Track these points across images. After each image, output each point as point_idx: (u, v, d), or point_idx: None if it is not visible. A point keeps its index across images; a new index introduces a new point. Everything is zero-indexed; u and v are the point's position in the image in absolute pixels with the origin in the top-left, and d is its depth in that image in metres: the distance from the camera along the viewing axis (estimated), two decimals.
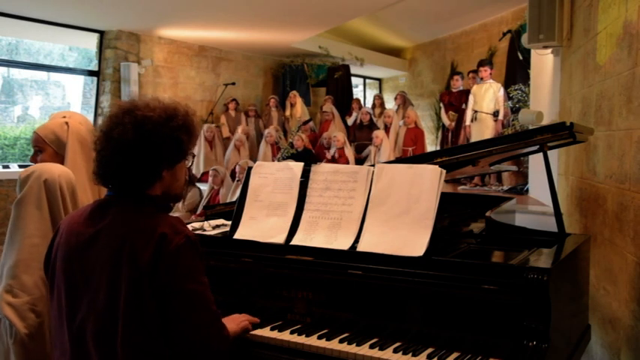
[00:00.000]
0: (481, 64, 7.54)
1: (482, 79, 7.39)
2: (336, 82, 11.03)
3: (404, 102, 9.65)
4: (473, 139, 6.96)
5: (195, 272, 1.56)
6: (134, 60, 8.81)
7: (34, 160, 2.28)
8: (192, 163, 1.80)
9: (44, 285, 1.96)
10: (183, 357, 1.57)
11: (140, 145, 1.58)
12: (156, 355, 1.53)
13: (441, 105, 8.68)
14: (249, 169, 2.35)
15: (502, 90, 7.24)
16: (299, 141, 8.43)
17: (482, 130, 7.19)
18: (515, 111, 6.95)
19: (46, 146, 2.25)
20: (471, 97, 7.40)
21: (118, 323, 1.52)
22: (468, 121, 7.40)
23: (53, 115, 2.38)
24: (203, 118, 9.35)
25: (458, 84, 8.14)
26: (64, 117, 2.32)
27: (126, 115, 1.60)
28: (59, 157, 2.25)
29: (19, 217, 2.03)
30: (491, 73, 7.37)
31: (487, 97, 7.23)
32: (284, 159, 8.19)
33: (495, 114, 7.16)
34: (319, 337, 1.86)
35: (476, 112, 7.25)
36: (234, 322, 1.87)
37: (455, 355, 1.73)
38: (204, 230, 2.51)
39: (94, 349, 1.55)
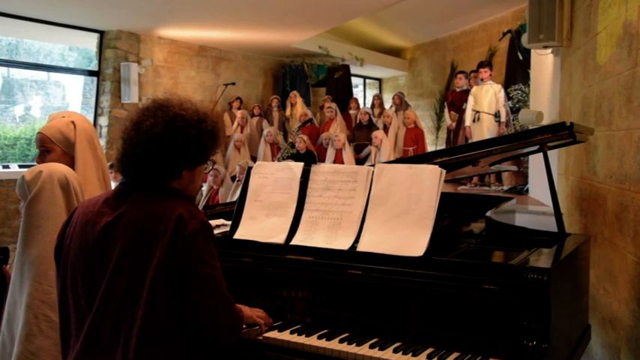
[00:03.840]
0: (481, 65, 7.54)
1: (482, 80, 7.39)
2: (336, 82, 11.04)
3: (401, 103, 9.66)
4: (474, 140, 6.96)
5: (208, 257, 1.59)
6: (134, 60, 8.81)
7: (41, 160, 2.26)
8: (210, 170, 1.84)
9: None
10: (196, 340, 1.59)
11: (167, 139, 1.63)
12: (171, 338, 1.56)
13: (445, 104, 8.67)
14: (249, 169, 2.35)
15: (503, 91, 7.24)
16: (301, 143, 8.41)
17: (483, 131, 7.19)
18: (515, 111, 6.96)
19: (54, 146, 2.24)
20: (470, 98, 7.40)
21: (138, 307, 1.54)
22: (468, 122, 7.40)
23: (52, 116, 2.38)
24: None
25: (461, 82, 8.12)
26: (64, 117, 2.32)
27: (159, 109, 1.66)
28: (67, 157, 2.24)
29: (35, 215, 2.04)
30: (491, 75, 7.37)
31: (487, 97, 7.23)
32: (284, 159, 8.19)
33: (497, 115, 7.16)
34: (319, 337, 1.86)
35: (478, 112, 7.25)
36: (250, 309, 1.89)
37: (455, 355, 1.73)
38: None
39: (111, 333, 1.56)
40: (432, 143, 10.55)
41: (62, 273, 1.70)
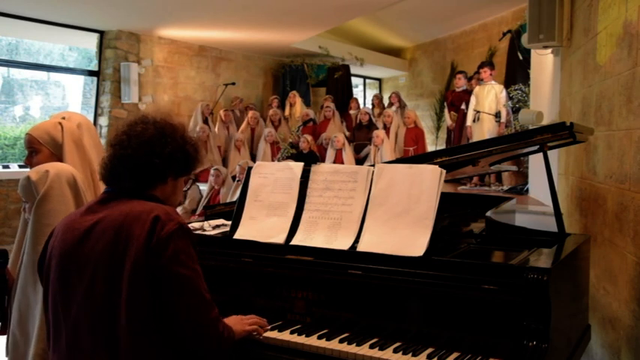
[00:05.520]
0: (482, 65, 7.54)
1: (482, 80, 7.39)
2: (336, 82, 11.03)
3: (399, 101, 9.69)
4: (474, 140, 6.96)
5: (185, 258, 1.59)
6: (134, 60, 8.81)
7: (29, 161, 2.28)
8: (189, 187, 1.92)
9: None
10: (177, 344, 1.59)
11: (158, 143, 1.69)
12: (154, 342, 1.55)
13: (445, 105, 8.66)
14: (249, 169, 2.35)
15: (504, 92, 7.24)
16: (304, 143, 8.40)
17: (483, 131, 7.19)
18: (515, 111, 6.96)
19: (41, 147, 2.25)
20: (472, 98, 7.40)
21: (118, 311, 1.54)
22: (469, 122, 7.41)
23: (54, 116, 2.39)
24: (203, 118, 9.35)
25: (461, 82, 8.12)
26: (64, 117, 2.33)
27: (149, 119, 1.75)
28: (54, 158, 2.26)
29: (45, 214, 2.06)
30: (492, 74, 7.37)
31: (489, 98, 7.23)
32: (284, 159, 8.18)
33: (497, 115, 7.17)
34: (319, 337, 1.86)
35: (478, 112, 7.25)
36: (240, 323, 1.85)
37: (455, 355, 1.73)
38: (204, 230, 2.51)
39: (90, 339, 1.56)
40: (432, 143, 10.55)
41: (45, 281, 1.72)
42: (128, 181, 1.69)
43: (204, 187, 7.46)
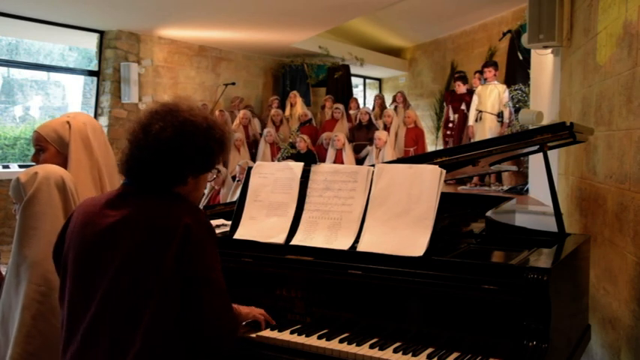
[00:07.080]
0: (486, 65, 7.55)
1: (486, 79, 7.40)
2: (336, 82, 11.03)
3: (404, 100, 9.67)
4: (476, 139, 6.96)
5: (214, 261, 1.61)
6: (134, 60, 8.81)
7: (35, 159, 2.26)
8: (214, 177, 1.84)
9: None
10: (199, 344, 1.59)
11: (176, 144, 1.60)
12: (174, 345, 1.56)
13: (445, 104, 8.67)
14: (249, 169, 2.35)
15: (507, 92, 7.24)
16: (302, 142, 8.40)
17: (485, 130, 7.20)
18: (515, 111, 6.97)
19: (48, 145, 2.23)
20: (475, 97, 7.41)
21: (141, 315, 1.53)
22: (471, 121, 7.42)
23: (60, 116, 2.39)
24: None
25: (461, 89, 8.11)
26: (68, 116, 2.32)
27: (168, 114, 1.63)
28: (61, 157, 2.24)
29: (32, 217, 2.02)
30: (495, 74, 7.37)
31: (491, 97, 7.24)
32: (284, 159, 8.19)
33: (500, 115, 7.17)
34: (319, 337, 1.86)
35: (480, 112, 7.26)
36: (248, 308, 1.90)
37: (455, 355, 1.73)
38: None
39: (110, 336, 1.55)
40: (432, 143, 10.56)
41: (62, 273, 1.69)
42: (145, 180, 1.64)
43: (205, 191, 7.45)
